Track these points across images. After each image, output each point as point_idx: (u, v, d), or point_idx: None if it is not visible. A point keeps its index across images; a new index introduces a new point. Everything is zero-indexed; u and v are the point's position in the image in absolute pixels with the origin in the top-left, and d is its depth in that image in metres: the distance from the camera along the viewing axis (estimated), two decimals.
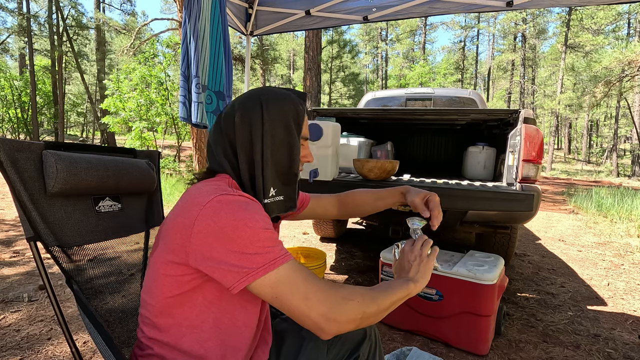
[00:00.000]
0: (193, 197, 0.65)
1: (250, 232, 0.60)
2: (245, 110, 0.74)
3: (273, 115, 0.74)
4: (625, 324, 2.04)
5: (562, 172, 20.68)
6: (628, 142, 24.11)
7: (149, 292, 0.69)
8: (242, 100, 0.76)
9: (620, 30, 24.27)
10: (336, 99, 35.25)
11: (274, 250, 0.61)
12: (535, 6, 2.50)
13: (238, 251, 0.59)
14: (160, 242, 0.68)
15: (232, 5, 2.97)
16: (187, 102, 2.17)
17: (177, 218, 0.64)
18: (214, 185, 0.68)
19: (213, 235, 0.59)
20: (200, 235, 0.60)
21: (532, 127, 1.93)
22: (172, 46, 10.13)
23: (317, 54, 8.92)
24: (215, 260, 0.60)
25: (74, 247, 0.81)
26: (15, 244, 3.28)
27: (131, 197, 1.02)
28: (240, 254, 0.59)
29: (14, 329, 1.77)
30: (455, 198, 1.88)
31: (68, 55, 20.36)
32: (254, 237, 0.60)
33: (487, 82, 37.78)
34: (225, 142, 0.75)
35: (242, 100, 0.76)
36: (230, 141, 0.74)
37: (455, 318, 1.69)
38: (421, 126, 3.55)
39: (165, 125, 10.39)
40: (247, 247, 0.59)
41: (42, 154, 0.76)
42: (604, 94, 15.44)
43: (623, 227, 4.70)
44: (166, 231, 0.66)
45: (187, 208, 0.63)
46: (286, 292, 0.59)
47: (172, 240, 0.64)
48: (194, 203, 0.63)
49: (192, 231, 0.60)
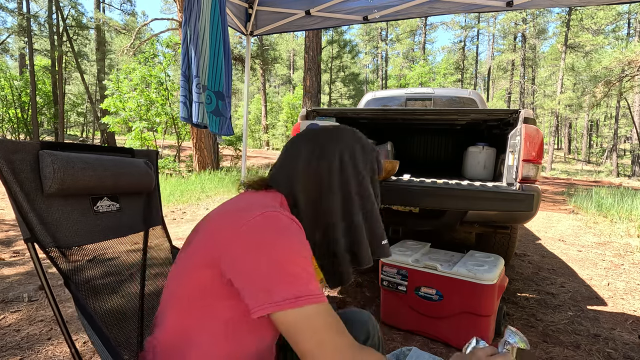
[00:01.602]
0: (243, 206, 0.66)
1: (289, 254, 0.58)
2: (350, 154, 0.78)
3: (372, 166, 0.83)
4: (625, 324, 2.03)
5: (562, 172, 20.68)
6: (628, 142, 24.11)
7: (176, 287, 0.69)
8: (345, 141, 0.79)
9: (620, 30, 24.28)
10: (336, 99, 35.25)
11: (303, 283, 0.57)
12: (535, 6, 2.49)
13: (270, 272, 0.56)
14: (197, 242, 0.68)
15: (232, 5, 2.97)
16: (187, 102, 2.17)
17: (223, 222, 0.65)
18: (268, 199, 0.70)
19: (253, 247, 0.58)
20: (240, 244, 0.60)
21: (532, 127, 1.93)
22: (172, 46, 10.14)
23: (317, 54, 8.92)
24: (246, 274, 0.58)
25: (72, 248, 0.81)
26: (15, 244, 3.27)
27: (129, 197, 1.02)
28: (271, 277, 0.56)
29: (14, 329, 1.77)
30: (455, 198, 1.88)
31: (68, 55, 20.36)
32: (290, 260, 0.58)
33: (487, 82, 37.78)
34: (311, 173, 0.75)
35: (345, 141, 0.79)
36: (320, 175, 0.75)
37: (455, 318, 1.69)
38: (421, 126, 3.54)
39: (165, 125, 10.39)
40: (280, 269, 0.57)
41: (39, 154, 0.76)
42: (604, 94, 15.44)
43: (623, 227, 4.69)
44: (208, 232, 0.67)
45: (235, 216, 0.64)
46: (303, 335, 0.56)
47: (211, 244, 0.64)
48: (242, 212, 0.63)
49: (234, 238, 0.60)
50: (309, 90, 8.89)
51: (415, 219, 2.35)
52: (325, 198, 0.75)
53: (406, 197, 2.00)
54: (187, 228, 4.20)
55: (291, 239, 0.60)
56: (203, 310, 0.65)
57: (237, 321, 0.64)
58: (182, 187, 6.76)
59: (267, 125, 26.99)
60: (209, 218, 0.70)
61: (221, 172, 8.86)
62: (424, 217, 2.33)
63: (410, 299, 1.80)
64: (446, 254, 1.92)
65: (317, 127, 0.84)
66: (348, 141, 0.79)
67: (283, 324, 0.56)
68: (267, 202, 0.68)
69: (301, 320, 0.55)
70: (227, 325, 0.64)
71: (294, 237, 0.61)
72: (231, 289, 0.61)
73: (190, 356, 0.66)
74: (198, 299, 0.64)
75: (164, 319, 0.70)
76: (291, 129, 3.58)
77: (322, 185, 0.75)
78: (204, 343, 0.65)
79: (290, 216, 0.65)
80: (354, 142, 0.80)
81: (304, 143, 0.79)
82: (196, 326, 0.66)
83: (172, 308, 0.69)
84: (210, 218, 0.70)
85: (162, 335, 0.70)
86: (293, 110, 22.88)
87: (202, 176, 8.03)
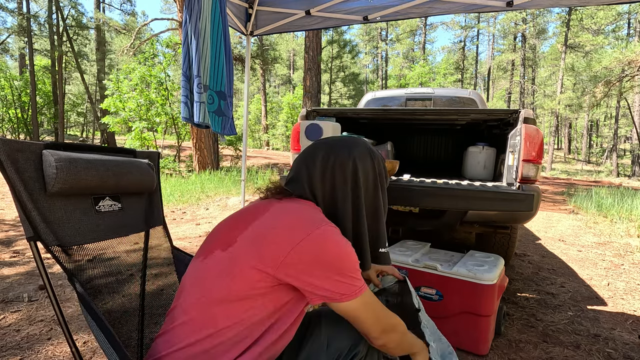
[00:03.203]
0: (299, 218, 0.73)
1: (350, 264, 0.71)
2: (363, 162, 0.86)
3: (381, 174, 0.90)
4: (625, 324, 2.04)
5: (562, 172, 20.68)
6: (628, 142, 24.12)
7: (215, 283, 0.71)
8: (358, 150, 0.87)
9: (620, 30, 24.28)
10: (336, 99, 35.25)
11: (360, 281, 0.73)
12: (535, 6, 2.50)
13: (336, 277, 0.69)
14: (244, 243, 0.72)
15: (232, 5, 2.97)
16: (189, 102, 2.17)
17: (278, 231, 0.70)
18: (316, 212, 0.78)
19: (317, 259, 0.68)
20: (302, 255, 0.68)
21: (532, 127, 1.93)
22: (172, 46, 10.14)
23: (317, 54, 8.92)
24: (309, 280, 0.69)
25: (74, 247, 0.81)
26: (15, 244, 3.28)
27: (131, 197, 1.02)
28: (337, 281, 0.69)
29: (14, 329, 1.77)
30: (455, 198, 1.88)
31: (68, 55, 20.36)
32: (351, 268, 0.71)
33: (487, 82, 37.78)
34: (327, 181, 0.84)
35: (358, 150, 0.87)
36: (334, 182, 0.84)
37: (455, 318, 1.69)
38: (421, 126, 3.55)
39: (165, 125, 10.39)
40: (344, 275, 0.70)
41: (42, 154, 0.76)
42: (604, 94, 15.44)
43: (623, 227, 4.70)
44: (259, 238, 0.71)
45: (292, 226, 0.71)
46: (365, 316, 0.74)
47: (265, 248, 0.69)
48: (301, 224, 0.71)
49: (294, 249, 0.68)
50: (309, 90, 8.89)
51: (415, 219, 2.35)
52: (341, 205, 0.84)
53: (406, 197, 2.00)
54: (187, 228, 4.20)
55: (350, 249, 0.72)
56: (250, 305, 0.70)
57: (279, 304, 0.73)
58: (182, 187, 6.77)
59: (267, 125, 26.98)
60: (258, 224, 0.74)
61: (221, 172, 8.86)
62: (424, 217, 2.33)
63: None
64: (446, 254, 1.92)
65: (332, 137, 0.92)
66: (361, 151, 0.86)
67: (348, 309, 0.72)
68: (313, 214, 0.76)
69: (362, 305, 0.73)
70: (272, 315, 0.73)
71: (350, 247, 0.72)
72: (278, 287, 0.70)
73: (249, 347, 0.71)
74: (245, 297, 0.69)
75: (194, 316, 0.71)
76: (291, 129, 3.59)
77: (336, 193, 0.84)
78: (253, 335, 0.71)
79: (335, 227, 0.74)
80: (366, 152, 0.87)
81: (320, 153, 0.86)
82: (242, 319, 0.70)
83: (210, 304, 0.70)
84: (259, 225, 0.74)
85: (197, 334, 0.70)
86: (293, 110, 22.88)
87: (202, 176, 8.03)
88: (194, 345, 0.69)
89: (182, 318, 0.72)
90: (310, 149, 0.88)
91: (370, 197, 0.88)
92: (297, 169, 0.87)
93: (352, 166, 0.84)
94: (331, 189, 0.84)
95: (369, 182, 0.87)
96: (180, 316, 0.72)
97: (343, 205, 0.84)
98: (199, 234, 3.89)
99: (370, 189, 0.87)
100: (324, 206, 0.84)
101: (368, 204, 0.88)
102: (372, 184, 0.87)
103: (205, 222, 4.54)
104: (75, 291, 0.77)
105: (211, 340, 0.69)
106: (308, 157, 0.87)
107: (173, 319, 0.74)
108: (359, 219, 0.86)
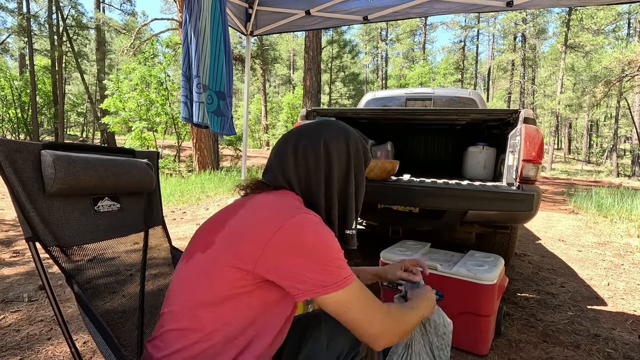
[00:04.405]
0: (272, 210, 0.70)
1: (331, 251, 0.67)
2: (336, 144, 0.83)
3: (356, 155, 0.86)
4: (625, 324, 2.04)
5: (562, 172, 20.68)
6: (628, 142, 24.11)
7: (198, 286, 0.70)
8: (329, 132, 0.84)
9: (620, 30, 24.28)
10: (336, 99, 35.25)
11: (345, 270, 0.68)
12: (535, 6, 2.49)
13: (317, 267, 0.65)
14: (222, 243, 0.70)
15: (232, 5, 2.97)
16: (188, 102, 2.17)
17: (252, 227, 0.68)
18: (291, 201, 0.75)
19: (294, 249, 0.65)
20: (279, 247, 0.65)
21: (532, 127, 1.93)
22: (172, 46, 10.14)
23: (317, 54, 8.92)
24: (290, 272, 0.65)
25: (73, 247, 0.81)
26: (15, 244, 3.28)
27: (130, 197, 1.02)
28: (318, 270, 0.65)
29: (14, 329, 1.77)
30: (455, 198, 1.88)
31: (68, 55, 20.36)
32: (333, 256, 0.67)
33: (487, 82, 37.78)
34: (300, 167, 0.81)
35: (329, 132, 0.84)
36: (307, 167, 0.81)
37: (455, 318, 1.68)
38: (421, 126, 3.54)
39: (165, 125, 10.39)
40: (325, 264, 0.66)
41: (40, 154, 0.76)
42: (604, 94, 15.44)
43: (623, 227, 4.70)
44: (235, 236, 0.69)
45: (266, 220, 0.68)
46: (353, 309, 0.68)
47: (241, 246, 0.67)
48: (274, 216, 0.68)
49: (269, 243, 0.65)
50: (309, 90, 8.89)
51: (415, 219, 2.35)
52: (315, 188, 0.82)
53: (406, 197, 2.00)
54: (187, 228, 4.20)
55: (330, 237, 0.69)
56: (234, 305, 0.68)
57: (264, 303, 0.70)
58: (182, 187, 6.76)
59: (267, 125, 26.98)
60: (234, 221, 0.72)
61: (221, 172, 8.86)
62: (424, 217, 2.33)
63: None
64: (446, 254, 1.92)
65: (305, 123, 0.89)
66: (332, 131, 0.84)
67: (334, 302, 0.67)
68: (293, 203, 0.73)
69: (350, 296, 0.68)
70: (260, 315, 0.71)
71: (330, 234, 0.69)
72: (261, 284, 0.68)
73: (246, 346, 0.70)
74: (228, 297, 0.68)
75: (181, 320, 0.70)
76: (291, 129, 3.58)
77: (310, 177, 0.82)
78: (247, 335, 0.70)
79: (314, 215, 0.71)
80: (339, 132, 0.85)
81: (291, 139, 0.84)
82: (229, 320, 0.68)
83: (195, 308, 0.69)
84: (235, 221, 0.72)
85: (185, 339, 0.69)
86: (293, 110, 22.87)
87: (202, 176, 8.03)
88: (184, 351, 0.68)
89: (170, 324, 0.71)
90: (283, 137, 0.87)
91: (342, 177, 0.85)
92: (270, 160, 0.86)
93: (323, 148, 0.82)
94: (305, 173, 0.82)
95: (341, 162, 0.84)
96: (169, 322, 0.72)
97: (317, 187, 0.82)
98: None
99: (343, 168, 0.85)
100: (301, 193, 0.82)
101: (340, 183, 0.85)
102: (345, 164, 0.85)
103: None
104: (73, 292, 0.76)
105: (200, 344, 0.68)
106: (280, 146, 0.85)
107: (162, 324, 0.73)
108: (331, 199, 0.83)
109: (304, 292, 0.66)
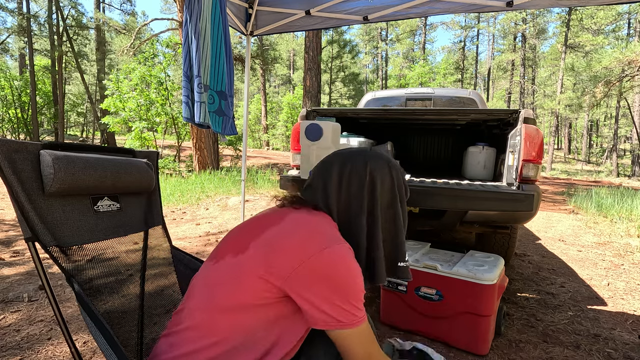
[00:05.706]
0: (311, 233, 0.72)
1: (356, 290, 0.69)
2: (380, 176, 0.83)
3: (400, 187, 0.87)
4: (625, 324, 2.03)
5: (562, 172, 20.67)
6: (628, 142, 24.10)
7: (221, 289, 0.71)
8: (375, 162, 0.85)
9: (620, 30, 24.27)
10: (336, 99, 35.24)
11: (362, 310, 0.71)
12: (535, 6, 2.49)
13: (339, 302, 0.67)
14: (255, 251, 0.71)
15: (232, 5, 2.97)
16: (190, 102, 2.17)
17: (289, 244, 0.69)
18: (330, 228, 0.76)
19: (324, 278, 0.67)
20: (311, 271, 0.67)
21: (532, 127, 1.93)
22: (172, 46, 10.13)
23: (317, 54, 8.92)
24: (313, 298, 0.67)
25: (72, 247, 0.81)
26: (15, 244, 3.27)
27: (130, 197, 1.02)
28: (338, 307, 0.67)
29: (14, 329, 1.77)
30: (455, 198, 1.87)
31: (68, 55, 20.36)
32: (356, 296, 0.69)
33: (487, 82, 37.77)
34: (343, 192, 0.82)
35: (375, 162, 0.85)
36: (350, 193, 0.82)
37: (455, 318, 1.69)
38: (421, 126, 3.54)
39: (165, 125, 10.39)
40: (348, 302, 0.68)
41: (40, 154, 0.76)
42: (604, 94, 15.43)
43: (623, 227, 4.69)
44: (270, 248, 0.70)
45: (304, 241, 0.70)
46: (356, 346, 0.70)
47: (275, 259, 0.68)
48: (312, 239, 0.70)
49: (303, 264, 0.67)
50: (309, 90, 8.89)
51: (415, 219, 2.35)
52: (355, 217, 0.81)
53: None
54: (187, 228, 4.20)
55: (356, 276, 0.70)
56: (252, 315, 0.69)
57: (282, 318, 0.72)
58: (182, 187, 6.76)
59: (267, 125, 26.98)
60: (271, 232, 0.73)
61: (221, 172, 8.85)
62: (424, 217, 2.33)
63: (410, 299, 1.80)
64: (446, 254, 1.92)
65: (350, 147, 0.90)
66: (378, 161, 0.84)
67: (341, 337, 0.69)
68: (328, 230, 0.74)
69: (356, 335, 0.70)
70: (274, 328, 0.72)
71: (357, 272, 0.70)
72: (283, 299, 0.69)
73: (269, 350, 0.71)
74: (249, 306, 0.69)
75: (198, 322, 0.70)
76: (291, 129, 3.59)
77: (351, 203, 0.82)
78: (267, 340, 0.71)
79: (349, 247, 0.73)
80: (384, 163, 0.85)
81: (337, 162, 0.85)
82: (245, 330, 0.69)
83: (214, 311, 0.70)
84: (267, 232, 0.73)
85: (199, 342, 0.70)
86: (293, 110, 22.87)
87: (202, 176, 8.02)
88: (198, 353, 0.69)
89: (188, 322, 0.72)
90: (328, 158, 0.88)
91: (387, 209, 0.85)
92: (313, 177, 0.87)
93: (368, 176, 0.82)
94: (346, 199, 0.82)
95: (384, 192, 0.84)
96: (187, 319, 0.72)
97: (358, 216, 0.81)
98: (199, 234, 3.89)
99: (387, 200, 0.84)
100: (338, 219, 0.82)
101: (385, 215, 0.84)
102: (389, 195, 0.84)
103: (205, 222, 4.53)
104: (74, 291, 0.76)
105: (215, 348, 0.68)
106: (325, 166, 0.86)
107: (179, 320, 0.74)
108: (374, 230, 0.83)
109: (319, 321, 0.68)
